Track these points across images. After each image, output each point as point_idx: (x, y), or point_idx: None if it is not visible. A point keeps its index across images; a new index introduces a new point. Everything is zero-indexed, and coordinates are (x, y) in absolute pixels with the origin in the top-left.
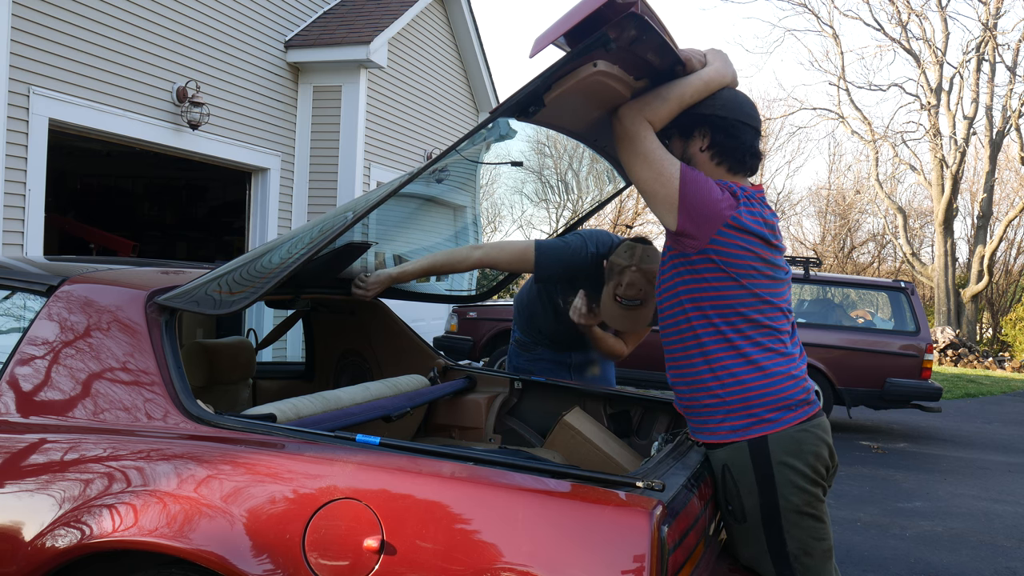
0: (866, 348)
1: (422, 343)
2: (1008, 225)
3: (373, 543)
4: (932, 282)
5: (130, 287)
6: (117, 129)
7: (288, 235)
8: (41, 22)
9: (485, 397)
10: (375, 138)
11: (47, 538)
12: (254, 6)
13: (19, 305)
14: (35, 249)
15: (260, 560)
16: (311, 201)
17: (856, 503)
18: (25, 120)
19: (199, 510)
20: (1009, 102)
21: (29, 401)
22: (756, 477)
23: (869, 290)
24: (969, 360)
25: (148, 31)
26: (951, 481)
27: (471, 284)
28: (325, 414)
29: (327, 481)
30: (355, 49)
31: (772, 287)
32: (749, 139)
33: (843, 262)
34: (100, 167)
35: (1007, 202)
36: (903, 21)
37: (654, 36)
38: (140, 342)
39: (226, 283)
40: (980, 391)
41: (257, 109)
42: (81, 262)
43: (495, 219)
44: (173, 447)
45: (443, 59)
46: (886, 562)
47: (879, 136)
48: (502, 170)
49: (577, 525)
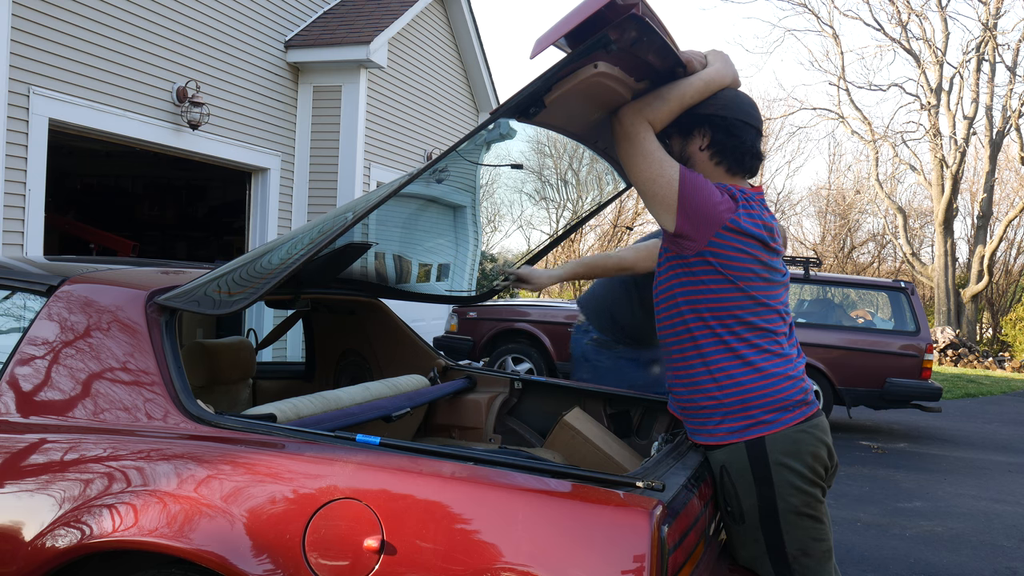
0: (866, 348)
1: (422, 343)
2: (1008, 225)
3: (373, 543)
4: (932, 282)
5: (130, 287)
6: (117, 129)
7: (288, 235)
8: (41, 22)
9: (485, 397)
10: (375, 138)
11: (47, 538)
12: (254, 6)
13: (19, 305)
14: (35, 249)
15: (260, 560)
16: (311, 201)
17: (856, 503)
18: (25, 120)
19: (199, 510)
20: (1009, 102)
21: (29, 401)
22: (754, 478)
23: (869, 290)
24: (969, 360)
25: (148, 31)
26: (951, 481)
27: (471, 284)
28: (325, 414)
29: (327, 481)
30: (355, 49)
31: (769, 289)
32: (750, 139)
33: (843, 262)
34: (100, 167)
35: (1007, 202)
36: (903, 21)
37: (655, 37)
38: (140, 342)
39: (226, 283)
40: (980, 391)
41: (257, 109)
42: (81, 262)
43: (495, 219)
44: (173, 447)
45: (443, 59)
46: (886, 562)
47: (879, 136)
48: (502, 171)
49: (577, 525)
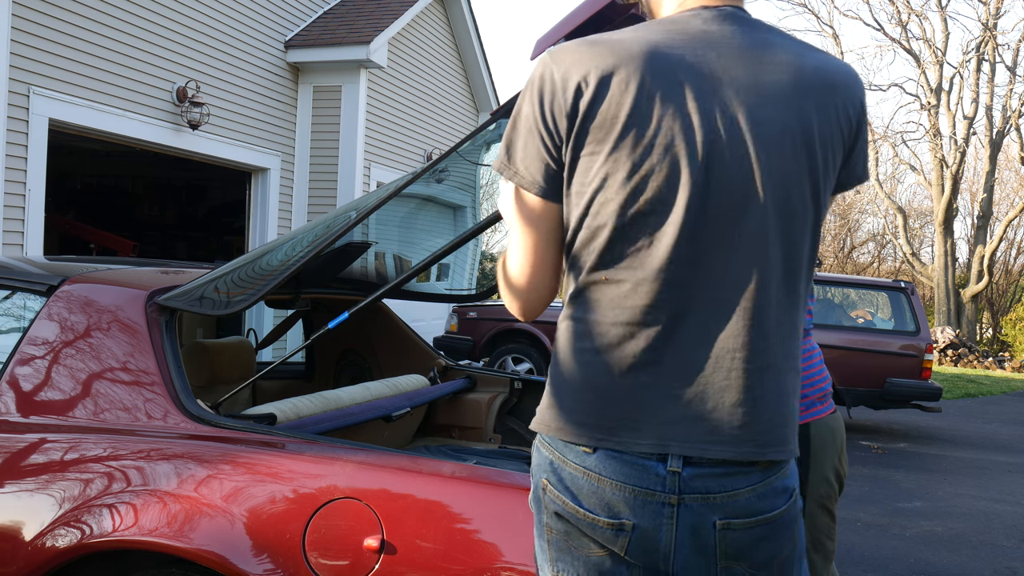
0: (866, 348)
1: (422, 343)
2: (1008, 225)
3: (373, 543)
4: (932, 282)
5: (130, 287)
6: (117, 129)
7: (288, 236)
8: (41, 22)
9: (485, 397)
10: (375, 138)
11: (47, 538)
12: (254, 6)
13: (19, 305)
14: (35, 249)
15: (260, 560)
16: (311, 201)
17: (856, 503)
18: (25, 120)
19: (199, 510)
20: (1009, 102)
21: (29, 401)
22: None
23: (869, 290)
24: (969, 360)
25: (148, 31)
26: (951, 481)
27: (471, 284)
28: (325, 414)
29: (327, 480)
30: (355, 49)
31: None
32: None
33: (843, 262)
34: (100, 167)
35: (1007, 202)
36: (903, 21)
37: None
38: (140, 342)
39: (226, 284)
40: (980, 391)
41: (257, 109)
42: (81, 262)
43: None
44: (173, 447)
45: (443, 59)
46: (886, 562)
47: (879, 136)
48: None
49: None
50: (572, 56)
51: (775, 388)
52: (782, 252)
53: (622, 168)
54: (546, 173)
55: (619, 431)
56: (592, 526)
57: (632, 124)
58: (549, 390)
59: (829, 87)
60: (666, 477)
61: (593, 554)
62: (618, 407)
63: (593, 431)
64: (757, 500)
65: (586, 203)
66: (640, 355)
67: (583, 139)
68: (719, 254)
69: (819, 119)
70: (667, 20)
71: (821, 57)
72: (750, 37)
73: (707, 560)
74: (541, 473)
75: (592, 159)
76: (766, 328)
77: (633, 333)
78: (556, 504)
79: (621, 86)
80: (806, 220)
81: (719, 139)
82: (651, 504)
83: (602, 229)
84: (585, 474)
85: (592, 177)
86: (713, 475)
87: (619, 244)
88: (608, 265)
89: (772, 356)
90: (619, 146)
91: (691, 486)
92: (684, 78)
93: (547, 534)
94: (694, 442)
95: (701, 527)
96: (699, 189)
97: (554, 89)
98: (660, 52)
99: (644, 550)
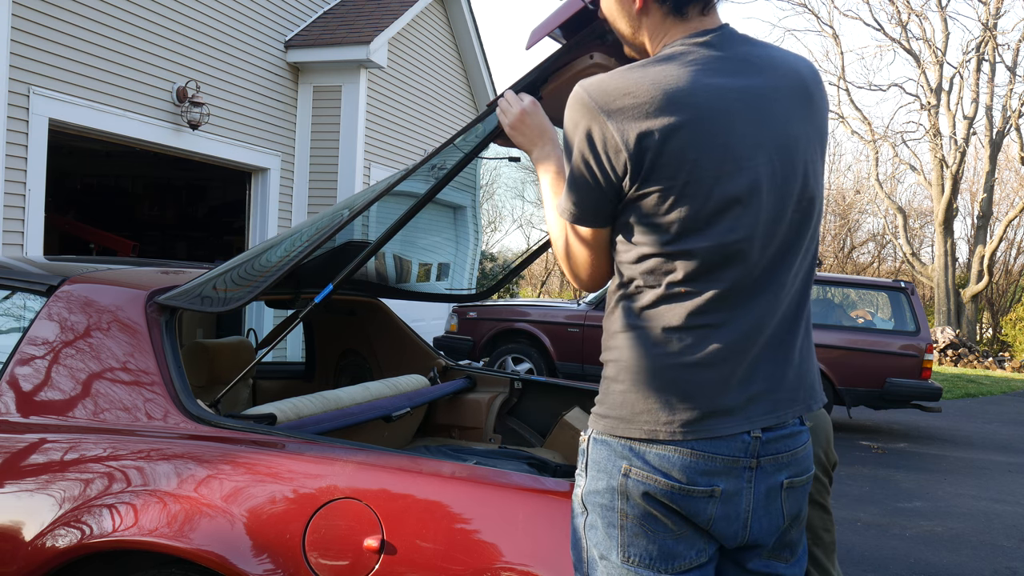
0: (866, 348)
1: (422, 343)
2: (1008, 225)
3: (373, 543)
4: (932, 282)
5: (130, 287)
6: (117, 129)
7: (287, 232)
8: (41, 22)
9: (485, 397)
10: (375, 138)
11: (47, 538)
12: (254, 6)
13: (19, 305)
14: (35, 249)
15: (260, 560)
16: (311, 201)
17: (856, 503)
18: (25, 120)
19: (199, 510)
20: (1009, 102)
21: (29, 401)
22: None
23: (869, 290)
24: (969, 360)
25: (148, 31)
26: (951, 481)
27: (471, 283)
28: (325, 414)
29: (327, 481)
30: (355, 49)
31: None
32: None
33: (843, 262)
34: (100, 167)
35: (1007, 202)
36: (903, 21)
37: None
38: (140, 342)
39: (225, 281)
40: (980, 391)
41: (257, 109)
42: (81, 262)
43: (495, 218)
44: (173, 447)
45: (443, 59)
46: (886, 562)
47: (879, 136)
48: (502, 170)
49: None
50: (627, 108)
51: (810, 352)
52: (812, 247)
53: (693, 200)
54: (607, 213)
55: (712, 426)
56: (686, 497)
57: (694, 157)
58: (624, 395)
59: (816, 85)
60: (749, 443)
61: (671, 536)
62: (708, 401)
63: (686, 429)
64: (804, 459)
65: (661, 231)
66: (717, 353)
67: (650, 177)
68: (777, 260)
69: (819, 118)
70: (685, 50)
71: (791, 57)
72: (759, 51)
73: (776, 524)
74: (618, 460)
75: (660, 194)
76: (803, 310)
77: (710, 336)
78: (646, 484)
79: (679, 130)
80: (820, 216)
81: (775, 158)
82: (735, 470)
83: (681, 252)
84: (676, 451)
85: (666, 209)
86: (781, 437)
87: (700, 263)
88: (687, 282)
89: (807, 329)
90: (688, 180)
91: (767, 448)
92: (736, 107)
93: (620, 519)
94: (773, 412)
95: (772, 488)
96: (767, 208)
97: (616, 145)
98: (712, 87)
99: (727, 518)
